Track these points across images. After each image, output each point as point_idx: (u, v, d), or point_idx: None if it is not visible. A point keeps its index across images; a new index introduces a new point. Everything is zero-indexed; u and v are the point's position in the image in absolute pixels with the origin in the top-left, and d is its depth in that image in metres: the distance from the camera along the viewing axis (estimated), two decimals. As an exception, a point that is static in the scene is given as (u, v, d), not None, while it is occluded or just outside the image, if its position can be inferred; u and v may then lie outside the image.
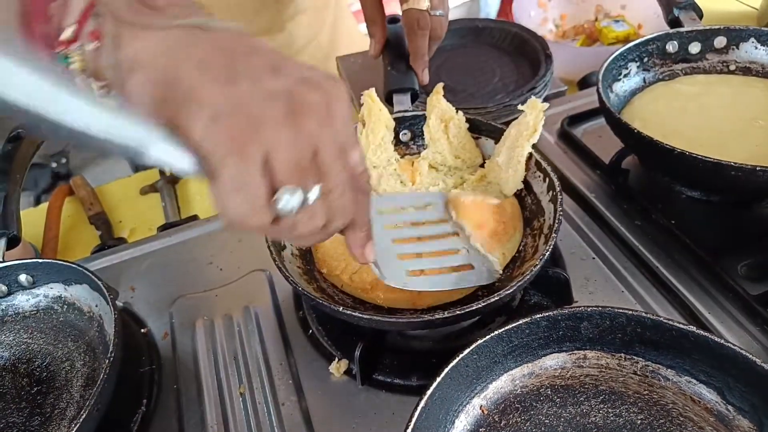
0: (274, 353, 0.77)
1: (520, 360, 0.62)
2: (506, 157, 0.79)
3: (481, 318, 0.76)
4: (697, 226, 0.83)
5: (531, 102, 0.76)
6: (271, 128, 0.42)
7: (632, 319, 0.58)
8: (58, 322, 0.81)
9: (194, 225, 0.99)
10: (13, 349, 0.79)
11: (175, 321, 0.84)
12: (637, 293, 0.78)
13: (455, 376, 0.57)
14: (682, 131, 0.86)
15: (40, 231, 1.10)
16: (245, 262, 0.89)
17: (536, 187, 0.79)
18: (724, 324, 0.72)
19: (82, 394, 0.72)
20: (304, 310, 0.81)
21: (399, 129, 0.88)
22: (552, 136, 1.06)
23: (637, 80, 1.00)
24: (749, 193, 0.81)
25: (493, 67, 1.16)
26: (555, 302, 0.76)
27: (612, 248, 0.84)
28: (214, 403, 0.73)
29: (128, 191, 1.21)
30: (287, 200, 0.44)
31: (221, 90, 0.42)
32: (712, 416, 0.56)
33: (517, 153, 0.77)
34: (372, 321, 0.64)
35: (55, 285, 0.81)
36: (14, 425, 0.71)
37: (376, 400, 0.70)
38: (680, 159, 0.74)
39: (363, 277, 0.72)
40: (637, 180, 0.94)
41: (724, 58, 0.99)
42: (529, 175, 0.80)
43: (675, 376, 0.59)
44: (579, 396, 0.60)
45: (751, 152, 0.81)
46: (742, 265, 0.77)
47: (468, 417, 0.59)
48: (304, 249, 0.78)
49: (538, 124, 0.75)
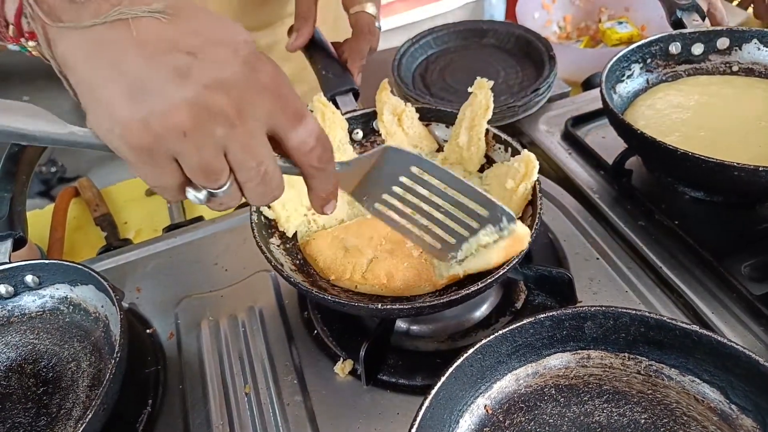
0: (280, 353, 0.78)
1: (524, 360, 0.62)
2: (466, 137, 0.83)
3: (486, 317, 0.77)
4: (701, 227, 0.83)
5: (478, 82, 0.81)
6: (175, 140, 0.43)
7: (636, 319, 0.58)
8: (64, 322, 0.81)
9: (199, 226, 1.00)
10: (20, 349, 0.80)
11: (180, 321, 0.84)
12: (640, 293, 0.78)
13: (460, 376, 0.57)
14: (685, 132, 0.87)
15: (46, 232, 1.11)
16: (250, 263, 0.90)
17: (498, 157, 0.84)
18: (727, 324, 0.73)
19: (88, 395, 0.73)
20: (309, 310, 0.81)
21: (350, 129, 0.89)
22: (556, 136, 1.06)
23: (640, 81, 1.00)
24: (752, 193, 0.82)
25: (497, 68, 1.17)
26: (559, 302, 0.76)
27: (616, 248, 0.85)
28: (220, 403, 0.73)
29: (134, 193, 1.21)
30: (194, 195, 0.48)
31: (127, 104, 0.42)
32: (715, 415, 0.57)
33: (476, 132, 0.82)
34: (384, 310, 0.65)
35: (61, 286, 0.82)
36: (21, 425, 0.71)
37: (381, 400, 0.70)
38: (683, 159, 0.74)
39: (376, 272, 0.72)
40: (641, 180, 0.94)
41: (726, 59, 1.00)
42: (489, 150, 0.84)
43: (678, 375, 0.59)
44: (583, 395, 0.60)
45: (754, 153, 0.81)
46: (746, 266, 0.77)
47: (472, 416, 0.59)
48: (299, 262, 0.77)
49: (490, 101, 0.81)
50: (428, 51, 1.25)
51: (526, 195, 0.74)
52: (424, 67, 1.21)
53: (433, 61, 1.22)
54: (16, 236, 0.85)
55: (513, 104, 1.04)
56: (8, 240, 0.84)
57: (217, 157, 0.45)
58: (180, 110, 0.42)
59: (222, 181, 0.47)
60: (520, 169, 0.74)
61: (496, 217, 0.61)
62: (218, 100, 0.43)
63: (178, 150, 0.44)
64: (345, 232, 0.76)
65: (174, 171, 0.46)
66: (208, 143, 0.44)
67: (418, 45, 1.23)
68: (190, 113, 0.43)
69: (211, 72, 0.43)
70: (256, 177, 0.48)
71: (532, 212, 0.74)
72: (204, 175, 0.46)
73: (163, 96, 0.42)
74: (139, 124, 0.42)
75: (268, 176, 0.49)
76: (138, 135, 0.42)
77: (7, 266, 0.81)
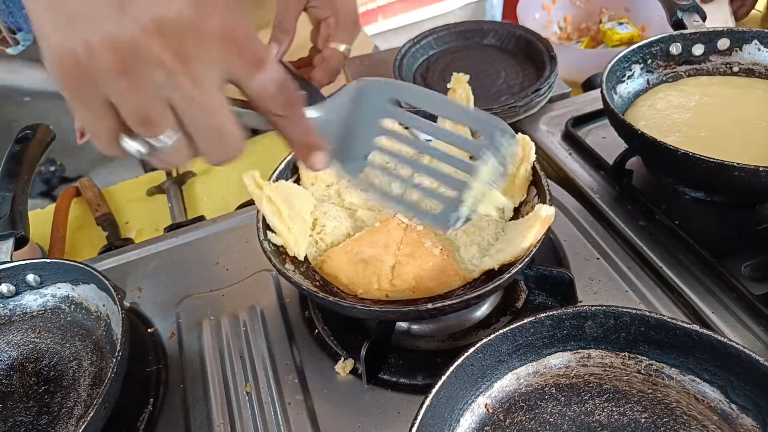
0: (280, 353, 0.78)
1: (524, 359, 0.62)
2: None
3: (486, 317, 0.77)
4: (701, 227, 0.83)
5: (455, 77, 0.84)
6: (108, 79, 0.41)
7: (636, 318, 0.59)
8: (65, 321, 0.81)
9: (201, 226, 1.00)
10: (21, 348, 0.80)
11: (181, 321, 0.84)
12: (641, 293, 0.78)
13: (460, 375, 0.57)
14: (686, 132, 0.87)
15: (47, 232, 1.11)
16: (251, 263, 0.90)
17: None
18: (727, 323, 0.73)
19: (90, 393, 0.73)
20: (310, 310, 0.81)
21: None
22: (556, 137, 1.06)
23: (640, 82, 1.00)
24: (752, 193, 0.82)
25: (497, 68, 1.17)
26: (559, 302, 0.76)
27: (616, 248, 0.85)
28: (221, 402, 0.73)
29: (135, 192, 1.21)
30: (130, 145, 0.45)
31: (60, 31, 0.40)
32: (715, 415, 0.57)
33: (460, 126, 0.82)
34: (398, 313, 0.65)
35: (62, 285, 0.82)
36: (22, 424, 0.71)
37: (381, 399, 0.71)
38: (684, 160, 0.74)
39: (404, 277, 0.71)
40: (641, 181, 0.94)
41: (727, 59, 1.00)
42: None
43: (679, 374, 0.59)
44: (583, 395, 0.61)
45: (755, 153, 0.81)
46: (746, 266, 0.77)
47: (473, 415, 0.60)
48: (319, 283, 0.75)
49: (470, 94, 0.83)
50: (429, 51, 1.25)
51: (527, 177, 0.78)
52: (425, 68, 1.21)
53: (434, 61, 1.23)
54: (17, 235, 0.86)
55: (514, 104, 1.04)
56: (10, 239, 0.85)
57: (157, 105, 0.42)
58: (112, 46, 0.40)
59: (160, 130, 0.44)
60: (517, 153, 0.76)
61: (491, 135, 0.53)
62: (156, 42, 0.40)
63: (111, 91, 0.41)
64: (358, 245, 0.75)
65: (107, 115, 0.43)
66: (144, 88, 0.41)
67: (419, 45, 1.23)
68: (123, 51, 0.40)
69: (153, 9, 0.40)
70: (208, 131, 0.45)
71: (537, 192, 0.77)
72: (141, 124, 0.43)
73: (96, 28, 0.39)
74: (69, 54, 0.40)
75: (222, 130, 0.45)
76: (68, 65, 0.40)
77: (8, 265, 0.81)
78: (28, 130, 1.00)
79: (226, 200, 1.13)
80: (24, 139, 0.99)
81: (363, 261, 0.73)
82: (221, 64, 0.43)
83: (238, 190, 1.13)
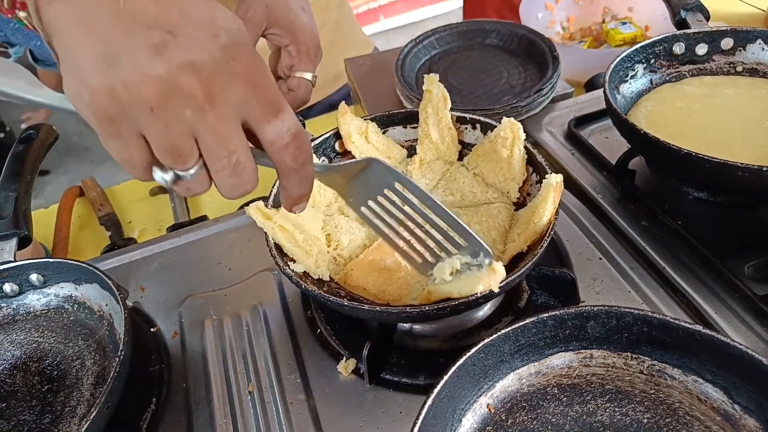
0: (283, 352, 0.78)
1: (527, 359, 0.62)
2: (437, 131, 0.87)
3: (488, 317, 0.77)
4: (704, 227, 0.83)
5: (428, 78, 0.85)
6: (141, 114, 0.43)
7: (639, 319, 0.59)
8: (68, 320, 0.82)
9: (203, 225, 1.00)
10: (25, 347, 0.80)
11: (184, 320, 0.84)
12: (643, 293, 0.78)
13: (462, 375, 0.57)
14: (689, 132, 0.87)
15: (50, 232, 1.11)
16: (254, 262, 0.90)
17: (469, 138, 0.89)
18: (730, 324, 0.73)
19: (93, 392, 0.73)
20: (312, 309, 0.82)
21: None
22: (559, 137, 1.06)
23: (643, 82, 1.00)
24: (756, 193, 0.81)
25: (500, 69, 1.17)
26: (562, 302, 0.76)
27: (619, 249, 0.85)
28: (223, 402, 0.73)
29: (138, 192, 1.22)
30: (160, 176, 0.47)
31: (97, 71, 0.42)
32: (718, 415, 0.57)
33: (444, 123, 0.86)
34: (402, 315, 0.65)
35: (65, 284, 0.82)
36: (25, 423, 0.71)
37: (383, 399, 0.71)
38: (687, 160, 0.74)
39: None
40: (644, 181, 0.94)
41: (731, 59, 1.00)
42: (459, 135, 0.89)
43: (681, 375, 0.59)
44: (585, 395, 0.61)
45: (758, 153, 0.81)
46: (749, 266, 0.77)
47: (475, 415, 0.60)
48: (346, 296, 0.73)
49: (445, 92, 0.85)
50: (431, 51, 1.25)
51: (522, 156, 0.80)
52: (427, 68, 1.21)
53: (437, 61, 1.23)
54: (21, 235, 0.86)
55: (516, 104, 1.04)
56: (13, 239, 0.85)
57: (185, 139, 0.45)
58: (148, 84, 0.42)
59: (189, 165, 0.46)
60: (507, 136, 0.79)
61: (474, 251, 0.60)
62: (188, 81, 0.43)
63: (145, 126, 0.44)
64: (380, 253, 0.73)
65: (140, 147, 0.45)
66: (176, 123, 0.44)
67: (421, 45, 1.23)
68: (158, 89, 0.43)
69: (186, 53, 0.43)
70: (227, 166, 0.47)
71: (534, 168, 0.80)
72: (170, 156, 0.45)
73: (134, 68, 0.42)
74: (106, 93, 0.42)
75: (239, 167, 0.48)
76: (104, 103, 0.43)
77: (12, 265, 0.81)
78: (32, 131, 1.00)
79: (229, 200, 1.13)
80: (27, 139, 0.99)
81: (386, 269, 0.72)
82: (242, 107, 0.46)
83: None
